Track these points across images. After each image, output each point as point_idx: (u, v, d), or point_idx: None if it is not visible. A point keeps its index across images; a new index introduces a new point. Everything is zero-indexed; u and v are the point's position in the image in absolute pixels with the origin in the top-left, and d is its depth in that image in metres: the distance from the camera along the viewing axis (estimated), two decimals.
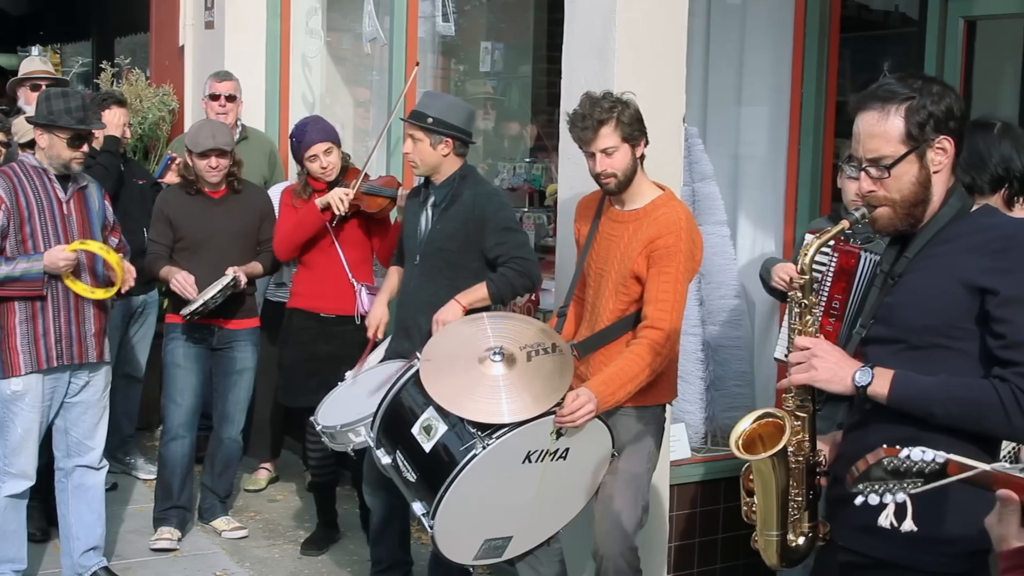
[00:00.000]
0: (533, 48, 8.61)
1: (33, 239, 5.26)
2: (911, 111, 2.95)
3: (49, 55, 15.72)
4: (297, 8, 8.57)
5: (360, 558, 6.24)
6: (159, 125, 8.58)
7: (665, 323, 4.41)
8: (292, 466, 7.61)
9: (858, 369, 2.95)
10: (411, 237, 5.38)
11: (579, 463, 4.42)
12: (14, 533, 5.45)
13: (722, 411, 6.05)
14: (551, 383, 4.30)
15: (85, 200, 5.48)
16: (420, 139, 5.20)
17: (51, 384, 5.37)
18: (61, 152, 5.32)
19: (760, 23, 6.31)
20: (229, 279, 6.08)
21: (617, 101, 4.51)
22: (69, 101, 5.35)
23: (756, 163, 6.42)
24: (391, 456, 4.40)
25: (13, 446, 5.34)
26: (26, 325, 5.26)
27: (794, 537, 3.20)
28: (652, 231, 4.47)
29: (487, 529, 4.39)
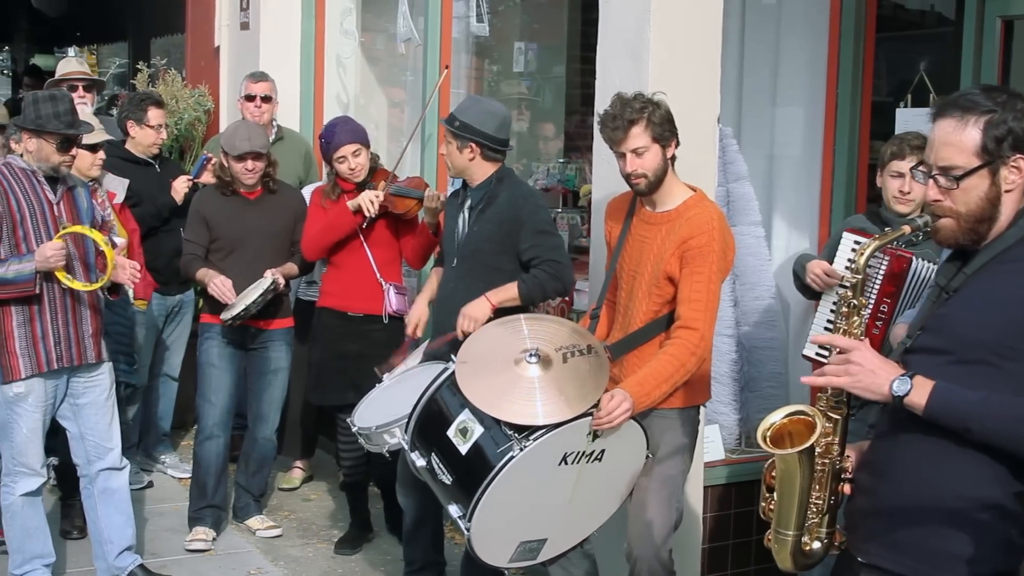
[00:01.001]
0: (567, 48, 8.61)
1: (27, 242, 5.25)
2: (990, 125, 2.88)
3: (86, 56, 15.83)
4: (332, 9, 8.60)
5: (394, 557, 6.25)
6: (195, 125, 8.61)
7: (699, 323, 4.40)
8: (326, 465, 7.63)
9: (897, 378, 2.88)
10: (449, 239, 5.40)
11: (614, 465, 4.41)
12: (36, 529, 5.49)
13: (756, 412, 6.02)
14: (587, 385, 4.29)
15: (74, 200, 5.46)
16: (449, 141, 5.26)
17: (52, 385, 5.39)
18: (50, 156, 5.30)
19: (795, 23, 6.28)
20: (269, 282, 6.11)
21: (648, 102, 4.50)
22: (58, 105, 5.32)
23: (791, 163, 6.39)
24: (426, 459, 4.40)
25: (20, 447, 5.36)
26: (24, 328, 5.26)
27: (809, 540, 3.16)
28: (685, 231, 4.46)
29: (522, 531, 4.38)
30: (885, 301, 4.75)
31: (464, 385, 4.32)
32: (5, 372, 5.28)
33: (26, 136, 5.33)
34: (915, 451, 2.91)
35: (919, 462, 2.92)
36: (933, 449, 2.84)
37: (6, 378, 5.29)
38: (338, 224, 6.13)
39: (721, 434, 5.83)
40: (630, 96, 4.53)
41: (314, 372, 6.35)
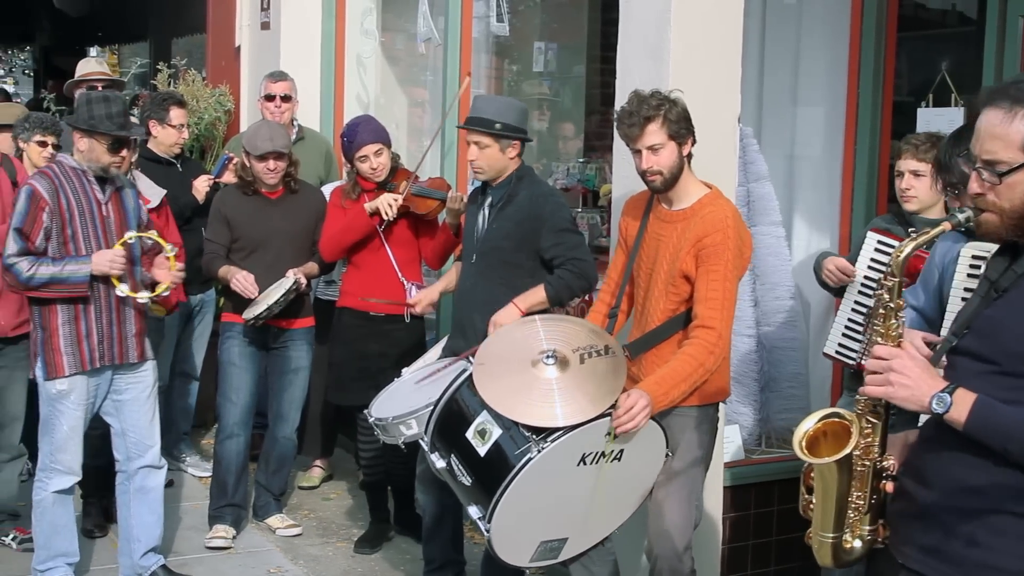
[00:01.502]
0: (587, 48, 8.61)
1: (74, 240, 5.30)
2: None
3: (107, 56, 15.89)
4: (352, 9, 8.61)
5: (413, 557, 6.26)
6: (215, 125, 8.64)
7: (716, 321, 4.40)
8: (346, 464, 7.64)
9: (936, 394, 2.78)
10: (469, 236, 5.41)
11: (634, 464, 4.41)
12: (64, 527, 5.52)
13: (776, 413, 6.02)
14: (605, 385, 4.28)
15: (122, 201, 5.50)
16: (488, 145, 5.21)
17: (94, 383, 5.42)
18: (101, 156, 5.34)
19: (816, 23, 6.27)
20: (291, 282, 6.12)
21: (665, 99, 4.50)
22: (110, 106, 5.36)
23: (811, 164, 6.38)
24: (446, 460, 4.40)
25: (59, 443, 5.39)
26: (69, 327, 5.30)
27: (851, 539, 3.12)
28: (699, 229, 4.46)
29: (543, 531, 4.39)
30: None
31: (482, 386, 4.33)
32: (49, 369, 5.32)
33: (78, 135, 5.37)
34: (957, 459, 2.84)
35: (961, 471, 2.85)
36: (976, 459, 2.78)
37: (49, 375, 5.32)
38: (355, 226, 6.14)
39: (741, 434, 5.82)
40: (647, 93, 4.53)
41: (335, 372, 6.36)
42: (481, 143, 5.20)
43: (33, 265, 5.17)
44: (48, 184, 5.28)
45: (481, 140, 5.20)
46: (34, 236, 5.21)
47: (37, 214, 5.21)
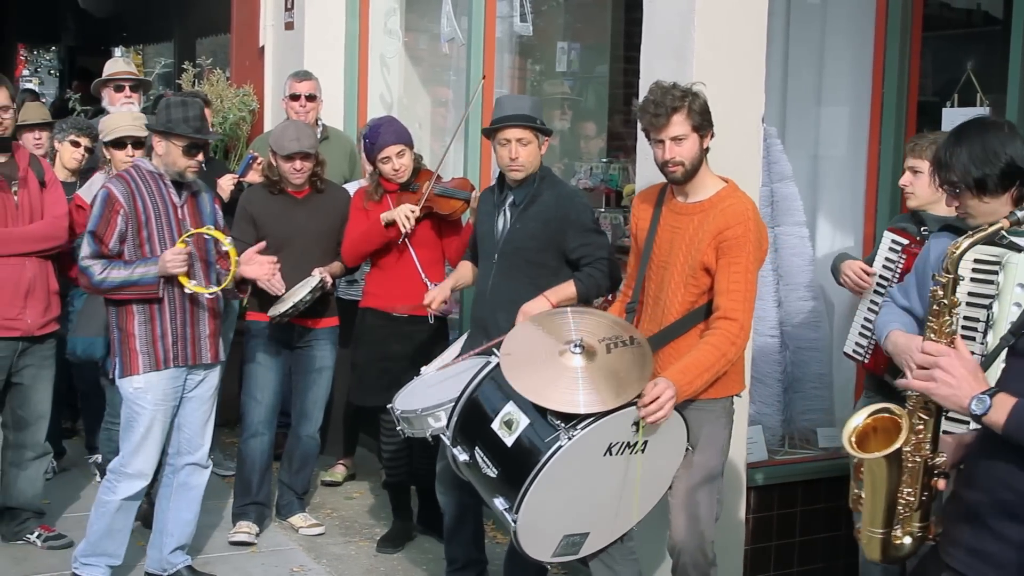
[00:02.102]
0: (610, 48, 8.60)
1: (150, 243, 5.36)
2: None
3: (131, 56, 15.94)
4: (376, 9, 8.62)
5: (435, 556, 6.26)
6: (239, 125, 8.66)
7: (738, 313, 4.43)
8: (368, 463, 7.65)
9: (976, 396, 2.77)
10: (487, 237, 5.40)
11: (656, 456, 4.42)
12: (119, 532, 5.57)
13: (800, 413, 6.01)
14: (632, 374, 4.30)
15: (197, 205, 5.57)
16: (530, 141, 5.23)
17: (171, 383, 5.47)
18: (177, 160, 5.40)
19: (840, 22, 6.25)
20: (317, 281, 6.14)
21: (688, 91, 4.53)
22: (187, 110, 5.42)
23: (836, 164, 6.36)
24: (468, 453, 4.41)
25: (134, 445, 5.44)
26: (145, 327, 5.36)
27: (900, 535, 3.11)
28: (720, 222, 4.48)
29: (567, 524, 4.39)
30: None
31: (510, 375, 4.33)
32: (124, 367, 5.39)
33: (155, 139, 5.43)
34: (1004, 463, 2.82)
35: (1007, 474, 2.84)
36: (1021, 462, 2.78)
37: (125, 372, 5.39)
38: (372, 237, 6.16)
39: (764, 435, 5.81)
40: (669, 84, 4.56)
41: (358, 373, 6.36)
42: (524, 139, 5.22)
43: (105, 268, 5.26)
44: (124, 187, 5.34)
45: (525, 136, 5.21)
46: (107, 239, 5.28)
47: (112, 217, 5.29)
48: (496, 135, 5.25)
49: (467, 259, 5.73)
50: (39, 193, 5.98)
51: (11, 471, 6.19)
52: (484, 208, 5.51)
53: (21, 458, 6.17)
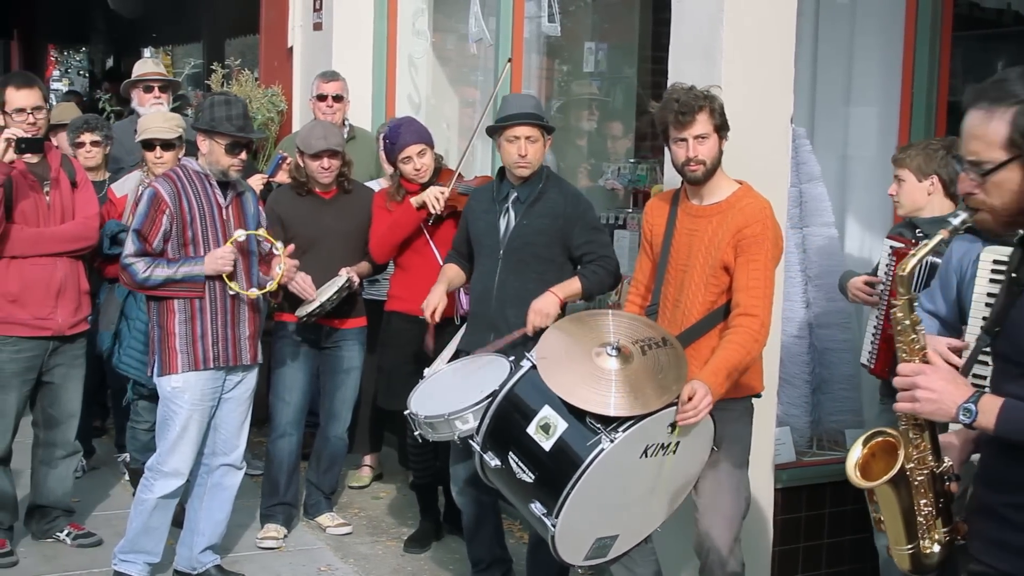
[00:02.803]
0: (638, 48, 8.58)
1: (194, 243, 5.40)
2: (1018, 116, 2.73)
3: (161, 57, 16.02)
4: (404, 9, 8.64)
5: (462, 556, 6.26)
6: (268, 125, 8.68)
7: (759, 309, 4.49)
8: (396, 463, 7.66)
9: (961, 406, 2.80)
10: (487, 235, 5.44)
11: (685, 458, 4.44)
12: (156, 530, 5.60)
13: (828, 415, 5.99)
14: (670, 375, 4.33)
15: (242, 205, 5.60)
16: (537, 139, 5.32)
17: (209, 384, 5.49)
18: (220, 158, 5.43)
19: (870, 22, 6.23)
20: (344, 280, 6.15)
21: (708, 93, 4.61)
22: (230, 109, 5.46)
23: (865, 164, 6.34)
24: (501, 459, 4.41)
25: (170, 444, 5.47)
26: (185, 327, 5.39)
27: (929, 545, 3.11)
28: (739, 220, 4.55)
29: (599, 527, 4.39)
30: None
31: (548, 378, 4.34)
32: (163, 366, 5.42)
33: (200, 137, 5.46)
34: (1007, 456, 2.84)
35: (1009, 467, 2.86)
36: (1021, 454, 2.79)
37: (163, 371, 5.43)
38: (403, 222, 6.15)
39: (792, 436, 5.79)
40: (688, 86, 4.63)
41: (385, 377, 6.36)
42: (532, 137, 5.29)
43: (149, 267, 5.29)
44: (170, 187, 5.38)
45: (533, 134, 5.29)
46: (152, 238, 5.32)
47: (157, 216, 5.33)
48: (503, 132, 5.32)
49: (451, 260, 5.75)
50: (71, 193, 6.02)
51: (41, 469, 6.23)
52: (480, 205, 5.55)
53: (51, 456, 6.21)
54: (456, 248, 5.73)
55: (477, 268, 5.53)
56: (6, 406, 5.95)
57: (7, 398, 5.94)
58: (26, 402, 6.10)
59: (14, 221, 5.80)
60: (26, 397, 6.06)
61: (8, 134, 5.62)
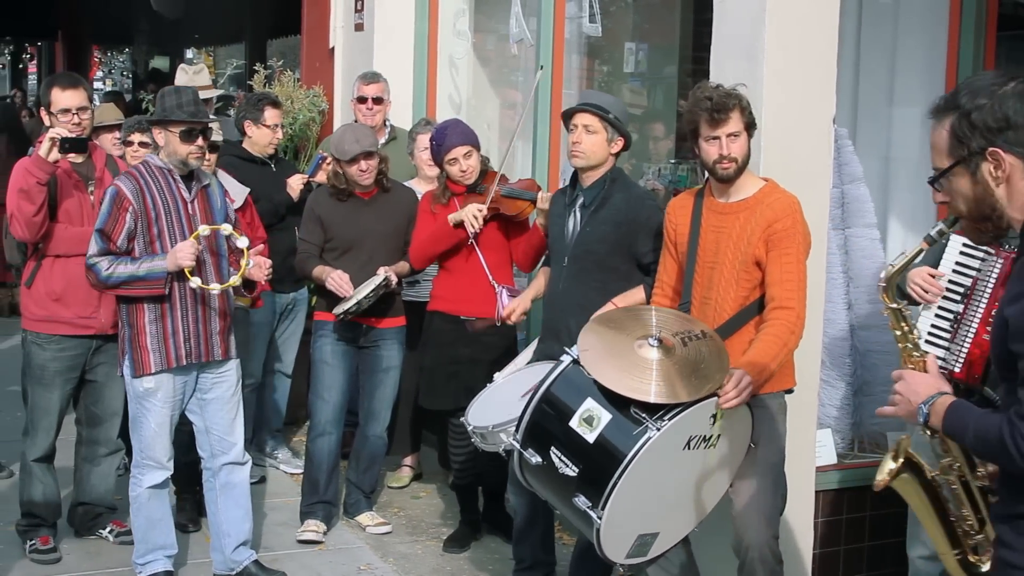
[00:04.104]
0: (679, 49, 8.56)
1: (161, 240, 5.39)
2: (956, 122, 2.82)
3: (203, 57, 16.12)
4: (445, 10, 8.65)
5: (502, 556, 6.27)
6: (309, 126, 8.72)
7: (794, 302, 4.52)
8: (435, 463, 7.67)
9: (919, 405, 2.89)
10: (558, 239, 5.39)
11: (723, 452, 4.45)
12: (160, 521, 5.62)
13: (870, 417, 5.94)
14: (712, 366, 4.34)
15: (208, 198, 5.59)
16: (596, 130, 5.20)
17: (180, 381, 5.51)
18: (177, 148, 5.42)
19: (913, 22, 6.19)
20: (381, 279, 6.16)
21: (735, 91, 4.65)
22: (180, 97, 5.46)
23: (908, 165, 6.30)
24: (543, 455, 4.40)
25: (147, 440, 5.50)
26: (155, 325, 5.40)
27: (979, 561, 3.11)
28: (769, 215, 4.58)
29: (641, 523, 4.39)
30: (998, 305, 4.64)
31: (593, 370, 4.34)
32: (136, 367, 5.43)
33: (156, 132, 5.48)
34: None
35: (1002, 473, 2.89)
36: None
37: (136, 372, 5.43)
38: (440, 237, 6.16)
39: (833, 439, 5.76)
40: (714, 84, 4.69)
41: (426, 376, 6.37)
42: (591, 127, 5.20)
43: (112, 264, 5.29)
44: (133, 185, 5.38)
45: (592, 123, 5.20)
46: (115, 236, 5.33)
47: (120, 215, 5.33)
48: (567, 122, 5.28)
49: (547, 263, 5.71)
50: None
51: (84, 467, 6.28)
52: (556, 209, 5.51)
53: (94, 454, 6.26)
54: (548, 251, 5.71)
55: (550, 274, 5.52)
56: (50, 404, 6.01)
57: (51, 396, 5.99)
58: (69, 400, 6.16)
59: (58, 220, 5.86)
60: (69, 395, 6.12)
61: (53, 133, 5.67)
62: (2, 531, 6.38)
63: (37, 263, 5.92)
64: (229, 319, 5.64)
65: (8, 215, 5.82)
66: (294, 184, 7.13)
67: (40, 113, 6.22)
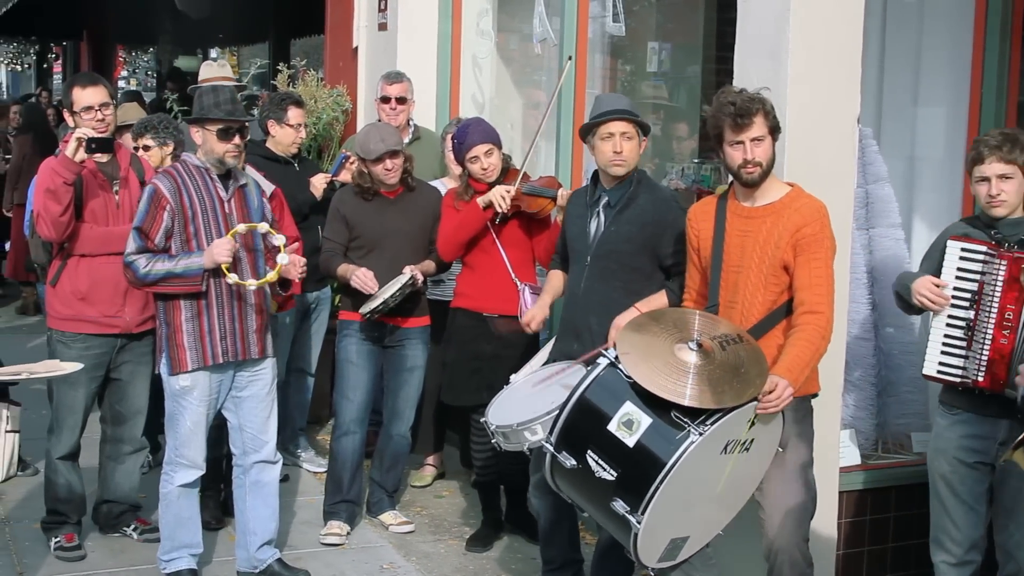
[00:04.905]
0: (703, 48, 8.54)
1: (197, 238, 5.42)
2: None
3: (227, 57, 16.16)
4: (468, 9, 8.65)
5: (524, 556, 6.27)
6: (333, 125, 8.73)
7: (824, 306, 4.51)
8: (458, 463, 7.68)
9: None
10: (579, 239, 5.37)
11: (755, 456, 4.44)
12: (188, 520, 5.65)
13: (894, 418, 5.94)
14: (752, 370, 4.33)
15: (245, 198, 5.61)
16: (633, 136, 5.19)
17: (217, 379, 5.53)
18: (214, 146, 5.45)
19: (938, 21, 6.16)
20: (407, 278, 6.16)
21: (759, 95, 4.63)
22: (218, 96, 5.49)
23: (932, 165, 6.27)
24: (577, 459, 4.38)
25: (183, 438, 5.52)
26: (192, 323, 5.42)
27: None
28: (797, 219, 4.57)
29: (675, 527, 4.38)
30: (1009, 308, 4.61)
31: (634, 372, 4.33)
32: (173, 364, 5.45)
33: (193, 130, 5.52)
34: None
35: None
36: None
37: (173, 370, 5.46)
38: (470, 221, 6.17)
39: (857, 439, 5.75)
40: (738, 88, 4.67)
41: (449, 373, 6.39)
42: (628, 133, 5.18)
43: (150, 262, 5.32)
44: (170, 183, 5.41)
45: (628, 130, 5.18)
46: (153, 234, 5.35)
47: (157, 213, 5.36)
48: (596, 130, 5.18)
49: (555, 266, 5.70)
50: (139, 192, 6.08)
51: (108, 465, 6.31)
52: (575, 209, 5.48)
53: (118, 452, 6.28)
54: (558, 253, 5.69)
55: (569, 273, 5.49)
56: (75, 402, 6.04)
57: (76, 394, 6.02)
58: (94, 399, 6.19)
59: (84, 220, 5.88)
60: (94, 394, 6.15)
61: (79, 133, 5.70)
62: (27, 528, 6.42)
63: (62, 262, 5.95)
64: (266, 317, 5.66)
65: (35, 215, 5.86)
66: (317, 183, 7.15)
67: (64, 115, 6.25)
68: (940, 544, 4.93)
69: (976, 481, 4.80)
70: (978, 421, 4.76)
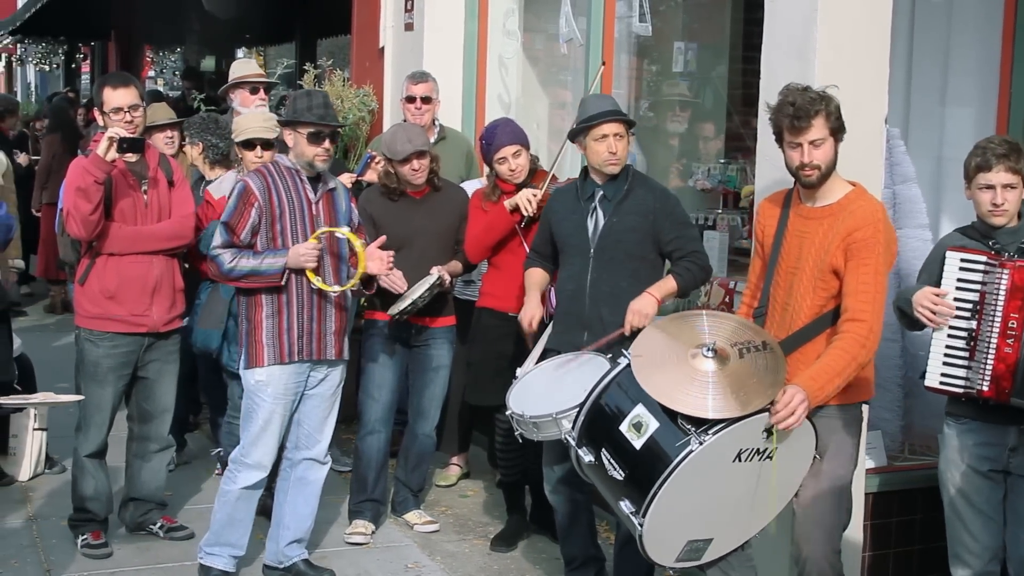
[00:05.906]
0: (729, 48, 8.53)
1: (283, 237, 5.49)
2: None
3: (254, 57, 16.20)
4: (495, 9, 8.66)
5: (549, 556, 6.27)
6: (359, 125, 8.74)
7: (867, 315, 4.41)
8: (483, 462, 7.68)
9: None
10: (576, 234, 5.44)
11: (786, 464, 4.40)
12: (241, 522, 5.69)
13: (921, 419, 5.90)
14: (765, 380, 4.30)
15: (333, 201, 5.68)
16: (623, 135, 5.36)
17: (293, 378, 5.57)
18: (304, 149, 5.51)
19: (967, 20, 6.13)
20: (435, 279, 6.18)
21: (824, 94, 4.54)
22: (311, 99, 5.57)
23: (960, 166, 6.20)
24: (595, 455, 4.40)
25: (253, 436, 5.56)
26: (271, 320, 5.47)
27: None
28: (849, 224, 4.49)
29: (692, 530, 4.38)
30: (1013, 316, 4.56)
31: (640, 377, 4.33)
32: (250, 359, 5.52)
33: (285, 132, 5.59)
34: None
35: None
36: None
37: (249, 364, 5.53)
38: (497, 224, 6.19)
39: (884, 440, 5.73)
40: (802, 87, 4.56)
41: (473, 372, 6.41)
42: (620, 133, 5.34)
43: (235, 257, 5.40)
44: (261, 182, 5.48)
45: (620, 130, 5.35)
46: (239, 230, 5.43)
47: (246, 209, 5.44)
48: (589, 133, 5.34)
49: (533, 264, 5.77)
50: (168, 192, 6.12)
51: (135, 463, 6.34)
52: (564, 207, 5.56)
53: (145, 450, 6.31)
54: (536, 250, 5.77)
55: (565, 268, 5.54)
56: (102, 401, 6.07)
57: (103, 393, 6.05)
58: (121, 397, 6.23)
59: (113, 219, 5.92)
60: (121, 392, 6.18)
61: (111, 133, 5.73)
62: (54, 526, 6.46)
63: (91, 261, 5.98)
64: (346, 319, 5.71)
65: (64, 213, 5.89)
66: (343, 183, 7.15)
67: (92, 113, 6.28)
68: (959, 558, 4.84)
69: (992, 490, 4.72)
70: (986, 428, 4.69)
